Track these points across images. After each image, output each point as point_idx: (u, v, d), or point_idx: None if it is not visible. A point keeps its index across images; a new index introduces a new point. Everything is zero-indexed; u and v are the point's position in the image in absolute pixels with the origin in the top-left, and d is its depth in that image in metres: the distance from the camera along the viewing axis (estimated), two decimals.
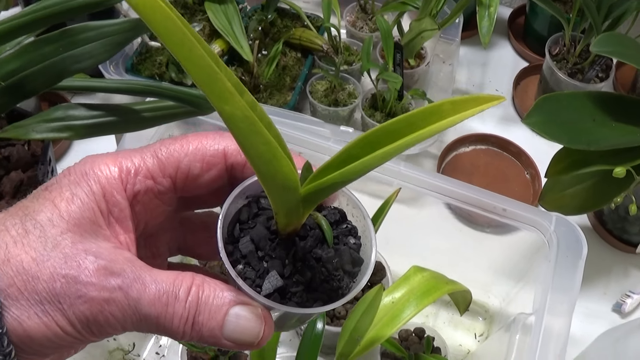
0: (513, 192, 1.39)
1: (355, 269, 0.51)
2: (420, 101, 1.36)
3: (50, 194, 0.46)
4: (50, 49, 0.78)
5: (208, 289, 0.46)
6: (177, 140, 0.51)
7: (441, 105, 0.40)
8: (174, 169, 0.50)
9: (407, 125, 0.40)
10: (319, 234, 0.50)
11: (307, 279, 0.48)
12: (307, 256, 0.49)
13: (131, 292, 0.44)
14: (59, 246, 0.44)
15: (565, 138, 1.01)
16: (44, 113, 0.81)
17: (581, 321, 1.20)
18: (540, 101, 1.04)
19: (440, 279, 0.88)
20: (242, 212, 0.50)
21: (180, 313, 0.45)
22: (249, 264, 0.48)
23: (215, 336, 0.46)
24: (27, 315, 0.43)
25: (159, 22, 0.36)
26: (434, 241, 1.17)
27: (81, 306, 0.43)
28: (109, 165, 0.48)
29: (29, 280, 0.43)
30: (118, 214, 0.48)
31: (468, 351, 1.17)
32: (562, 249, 0.94)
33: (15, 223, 0.44)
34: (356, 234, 0.52)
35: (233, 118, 0.39)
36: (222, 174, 0.52)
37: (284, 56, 1.48)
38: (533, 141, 1.48)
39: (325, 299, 0.49)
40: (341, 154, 0.43)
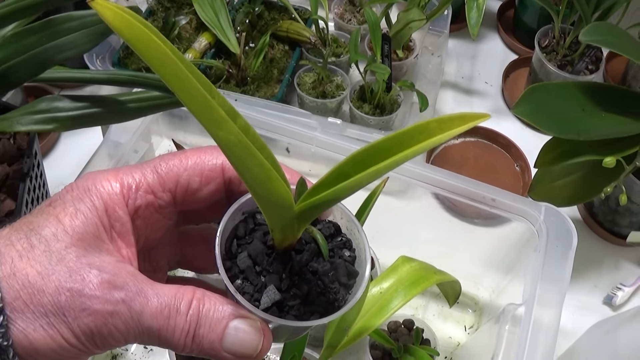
0: (503, 184, 1.37)
1: (350, 281, 0.52)
2: (408, 93, 1.35)
3: (54, 210, 0.47)
4: (33, 40, 0.77)
5: (209, 303, 0.48)
6: (176, 156, 0.53)
7: (428, 124, 0.41)
8: (173, 183, 0.52)
9: (395, 143, 0.42)
10: (314, 248, 0.51)
11: (304, 292, 0.50)
12: (304, 270, 0.50)
13: (134, 305, 0.46)
14: (63, 260, 0.45)
15: (555, 127, 1.01)
16: (28, 105, 0.81)
17: (572, 314, 1.20)
18: (529, 90, 1.03)
19: (429, 269, 0.87)
20: (238, 228, 0.52)
21: (182, 326, 0.46)
22: (247, 279, 0.49)
23: (215, 349, 0.47)
24: (33, 327, 0.44)
25: (154, 56, 0.37)
26: (423, 233, 1.16)
27: (85, 319, 0.44)
28: (111, 181, 0.49)
29: (35, 293, 0.44)
30: (120, 229, 0.49)
31: (458, 343, 1.16)
32: (552, 239, 0.94)
33: (20, 238, 0.46)
34: (351, 247, 0.54)
35: (227, 143, 0.41)
36: (220, 188, 0.53)
37: (272, 48, 1.47)
38: (523, 133, 1.48)
39: (322, 311, 0.50)
40: (333, 172, 0.45)
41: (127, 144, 1.00)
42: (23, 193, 0.94)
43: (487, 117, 0.41)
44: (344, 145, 1.01)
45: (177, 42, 1.44)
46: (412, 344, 1.02)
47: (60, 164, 1.36)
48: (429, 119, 0.41)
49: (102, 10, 0.37)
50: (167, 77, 0.38)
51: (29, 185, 0.97)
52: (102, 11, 0.37)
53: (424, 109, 1.24)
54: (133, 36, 0.37)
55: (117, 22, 0.37)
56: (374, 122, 1.33)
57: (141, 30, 0.37)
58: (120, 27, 0.37)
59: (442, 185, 0.99)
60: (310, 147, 1.02)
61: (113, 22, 0.37)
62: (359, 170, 0.42)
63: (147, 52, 0.38)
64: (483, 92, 1.61)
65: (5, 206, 0.94)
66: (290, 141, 1.03)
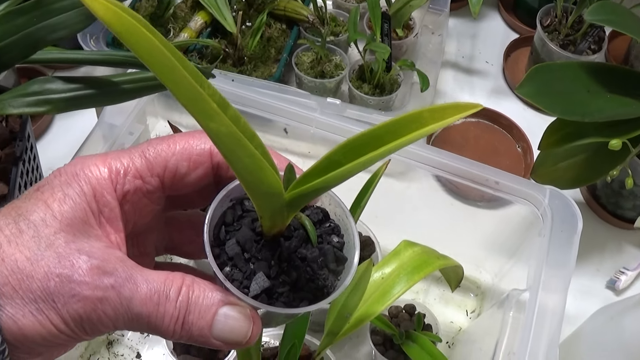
0: (504, 166, 1.36)
1: (339, 267, 0.52)
2: (409, 73, 1.34)
3: (42, 195, 0.47)
4: (24, 20, 0.76)
5: (198, 289, 0.47)
6: (164, 140, 0.52)
7: (421, 113, 0.41)
8: (161, 168, 0.51)
9: (388, 132, 0.42)
10: (303, 234, 0.51)
11: (292, 279, 0.50)
12: (292, 256, 0.50)
13: (123, 292, 0.45)
14: (52, 246, 0.45)
15: (559, 109, 0.99)
16: (20, 87, 0.79)
17: (575, 298, 1.18)
18: (533, 71, 1.02)
19: (432, 253, 0.86)
20: (227, 214, 0.51)
21: (171, 312, 0.46)
22: (236, 266, 0.49)
23: (204, 335, 0.47)
24: (22, 313, 0.44)
25: (144, 49, 0.37)
26: (425, 216, 1.15)
27: (75, 305, 0.44)
28: (99, 166, 0.49)
29: (24, 279, 0.44)
30: (108, 214, 0.49)
31: (460, 328, 1.14)
32: (557, 224, 0.93)
33: (9, 223, 0.45)
34: (339, 233, 0.54)
35: (218, 134, 0.41)
36: (209, 173, 0.53)
37: (269, 27, 1.45)
38: (524, 114, 1.47)
39: (311, 298, 0.50)
40: (324, 160, 0.44)
41: (122, 125, 0.98)
42: (16, 177, 0.93)
43: (480, 107, 0.41)
44: (343, 126, 1.00)
45: (172, 21, 1.42)
46: (413, 329, 1.00)
47: (53, 146, 1.34)
48: (422, 108, 0.41)
49: (92, 4, 0.37)
50: (157, 70, 0.38)
51: (21, 168, 0.95)
52: (92, 4, 0.37)
53: (425, 88, 1.22)
54: (123, 29, 0.37)
55: (107, 16, 0.37)
56: (374, 103, 1.31)
57: (130, 23, 0.37)
58: (111, 21, 0.37)
59: (445, 168, 0.97)
60: (310, 129, 1.00)
61: (103, 15, 0.37)
62: (350, 159, 0.42)
63: (137, 45, 0.37)
64: (484, 71, 1.59)
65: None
66: (289, 122, 1.02)
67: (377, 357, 1.04)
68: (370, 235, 1.11)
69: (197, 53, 1.38)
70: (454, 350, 1.12)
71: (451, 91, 1.53)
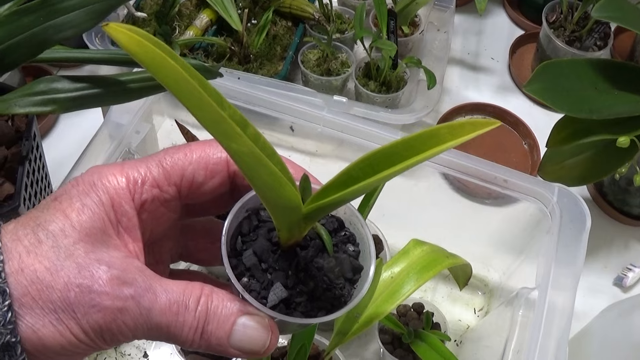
0: (511, 163, 1.36)
1: (355, 276, 0.52)
2: (415, 70, 1.33)
3: (60, 205, 0.47)
4: (30, 19, 0.75)
5: (217, 299, 0.48)
6: (181, 149, 0.52)
7: (438, 129, 0.41)
8: (178, 177, 0.52)
9: (406, 148, 0.42)
10: (319, 244, 0.52)
11: (310, 288, 0.50)
12: (309, 266, 0.51)
13: (143, 302, 0.45)
14: (72, 256, 0.45)
15: (567, 106, 0.99)
16: (26, 87, 0.78)
17: (582, 295, 1.18)
18: (541, 68, 1.01)
19: (441, 252, 0.86)
20: (243, 225, 0.52)
21: (190, 322, 0.46)
22: (254, 277, 0.49)
23: (222, 345, 0.48)
24: (42, 323, 0.44)
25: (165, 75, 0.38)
26: (432, 213, 1.14)
27: (95, 315, 0.44)
28: (117, 176, 0.49)
29: (43, 289, 0.44)
30: (127, 224, 0.49)
31: (467, 326, 1.14)
32: (565, 221, 0.92)
33: (27, 233, 0.45)
34: (354, 241, 0.54)
35: (240, 154, 0.41)
36: (225, 181, 0.53)
37: (274, 25, 1.45)
38: (531, 111, 1.46)
39: (328, 307, 0.50)
40: (342, 175, 0.45)
41: (128, 125, 0.98)
42: (22, 176, 0.92)
43: (498, 124, 0.41)
44: (351, 124, 0.99)
45: (177, 19, 1.42)
46: (422, 328, 0.99)
47: (59, 145, 1.34)
48: (439, 125, 0.41)
49: (116, 35, 0.37)
50: (181, 96, 0.39)
51: (28, 168, 0.95)
52: (116, 35, 0.37)
53: (432, 86, 1.21)
54: (147, 58, 0.38)
55: (131, 46, 0.38)
56: (380, 100, 1.31)
57: (154, 52, 0.38)
58: (135, 50, 0.38)
59: (452, 166, 0.96)
60: (317, 127, 1.00)
61: (127, 45, 0.38)
62: (368, 174, 0.43)
63: (161, 73, 0.38)
64: (490, 68, 1.58)
65: (4, 190, 0.92)
66: (296, 121, 1.01)
67: (386, 356, 1.04)
68: (378, 234, 1.11)
69: (202, 51, 1.37)
70: (462, 349, 1.12)
71: (457, 88, 1.53)
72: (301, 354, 0.82)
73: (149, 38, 0.38)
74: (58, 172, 1.14)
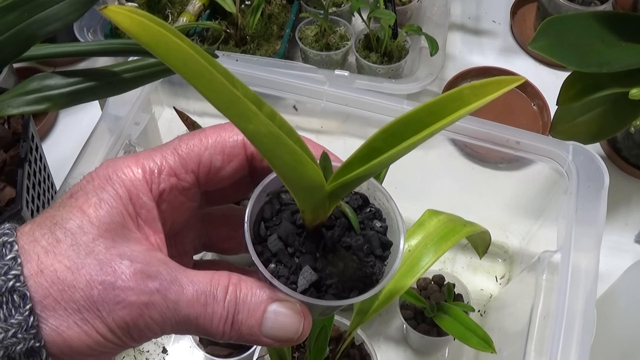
0: (521, 125, 1.33)
1: (385, 252, 0.51)
2: (416, 38, 1.31)
3: (76, 201, 0.46)
4: (14, 16, 0.73)
5: (245, 287, 0.47)
6: (196, 135, 0.51)
7: (461, 91, 0.40)
8: (195, 164, 0.51)
9: (428, 114, 0.41)
10: (345, 222, 0.50)
11: (340, 269, 0.48)
12: (337, 246, 0.49)
13: (169, 295, 0.44)
14: (92, 253, 0.44)
15: (575, 60, 0.96)
16: (18, 87, 0.76)
17: (605, 255, 1.14)
18: (545, 24, 0.99)
19: (457, 221, 0.83)
20: (264, 210, 0.50)
21: (220, 313, 0.45)
22: (281, 262, 0.48)
23: (254, 334, 0.47)
24: (67, 324, 0.43)
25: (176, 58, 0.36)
26: (445, 182, 1.12)
27: (120, 312, 0.43)
28: (132, 167, 0.48)
29: (65, 289, 0.43)
30: (146, 216, 0.48)
31: (490, 295, 1.12)
32: (583, 180, 0.90)
33: (45, 233, 0.44)
34: (381, 217, 0.52)
35: (257, 134, 0.40)
36: (243, 164, 0.52)
37: (268, 4, 1.43)
38: (537, 71, 1.44)
39: (360, 286, 0.48)
40: (364, 147, 0.43)
41: (127, 116, 0.96)
42: (22, 179, 0.90)
43: (523, 79, 0.40)
44: (355, 97, 0.97)
45: (169, 6, 1.40)
46: (444, 301, 0.97)
47: (60, 144, 1.32)
48: (461, 87, 0.39)
49: (116, 17, 0.36)
50: (191, 77, 0.37)
51: (28, 170, 0.93)
52: (116, 18, 0.36)
53: (435, 52, 1.19)
54: (152, 40, 0.36)
55: (133, 27, 0.36)
56: (383, 71, 1.28)
57: (159, 32, 0.36)
58: (138, 32, 0.36)
59: (462, 131, 0.94)
60: (321, 103, 0.98)
61: (129, 28, 0.36)
62: (391, 145, 0.41)
63: (169, 55, 0.36)
64: (492, 31, 1.56)
65: (5, 194, 0.90)
66: (298, 98, 0.99)
67: (409, 332, 1.02)
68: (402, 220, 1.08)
69: (197, 36, 1.35)
70: (486, 318, 1.10)
71: (460, 53, 1.50)
72: (322, 337, 0.80)
73: (151, 18, 0.36)
74: (61, 172, 1.11)
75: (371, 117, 0.96)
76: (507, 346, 0.94)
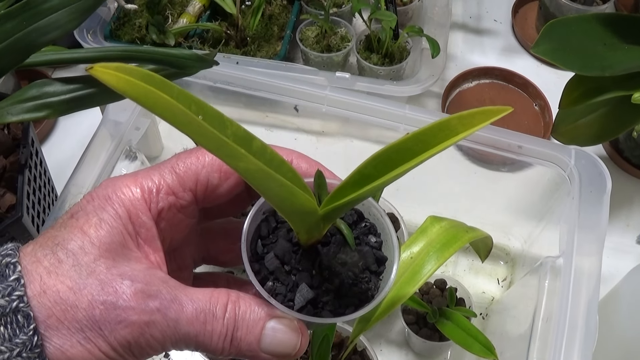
0: (523, 125, 1.33)
1: (380, 267, 0.52)
2: (417, 39, 1.30)
3: (77, 222, 0.47)
4: (12, 25, 0.72)
5: (244, 305, 0.48)
6: (193, 153, 0.52)
7: (449, 121, 0.41)
8: (193, 182, 0.52)
9: (417, 142, 0.42)
10: (340, 239, 0.51)
11: (336, 286, 0.50)
12: (333, 262, 0.50)
13: (169, 314, 0.45)
14: (93, 273, 0.45)
15: (578, 65, 0.96)
16: (17, 93, 0.76)
17: (606, 256, 1.13)
18: (548, 27, 0.98)
19: (460, 227, 0.83)
20: (261, 228, 0.52)
21: (219, 330, 0.46)
22: (278, 280, 0.49)
23: (253, 350, 0.48)
24: (70, 344, 0.43)
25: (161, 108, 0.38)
26: (447, 185, 1.12)
27: (122, 331, 0.44)
28: (131, 187, 0.49)
29: (68, 309, 0.44)
30: (145, 234, 0.49)
31: (492, 298, 1.12)
32: (585, 184, 0.90)
33: (47, 254, 0.45)
34: (376, 232, 0.53)
35: (248, 172, 0.42)
36: (240, 181, 0.53)
37: (269, 5, 1.42)
38: (539, 71, 1.44)
39: (356, 302, 0.50)
40: (355, 173, 0.45)
41: (127, 122, 0.95)
42: (23, 185, 0.90)
43: (510, 110, 0.41)
44: (356, 102, 0.96)
45: (169, 7, 1.39)
46: (446, 306, 0.97)
47: (60, 148, 1.31)
48: (450, 116, 0.41)
49: (104, 77, 0.37)
50: (181, 126, 0.39)
51: (28, 176, 0.92)
52: (104, 77, 0.37)
53: (436, 55, 1.18)
54: (139, 95, 0.37)
55: (121, 86, 0.37)
56: (384, 73, 1.28)
57: (145, 89, 0.37)
58: (126, 89, 0.37)
59: None
60: (322, 107, 0.97)
61: (117, 86, 0.37)
62: (382, 172, 0.43)
63: (156, 107, 0.38)
64: (493, 30, 1.56)
65: (5, 201, 0.90)
66: (300, 102, 0.98)
67: (411, 336, 1.02)
68: (394, 212, 1.08)
69: (198, 38, 1.35)
70: (488, 321, 1.09)
71: (461, 54, 1.50)
72: (324, 344, 0.80)
73: (136, 74, 0.37)
74: (61, 176, 1.11)
75: (372, 121, 0.96)
76: (509, 349, 0.94)
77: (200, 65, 0.77)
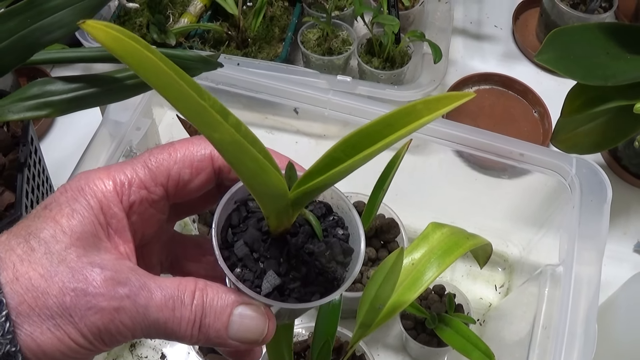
0: (522, 132, 1.33)
1: (346, 259, 0.53)
2: (418, 43, 1.30)
3: (50, 212, 0.48)
4: (16, 23, 0.72)
5: (211, 292, 0.49)
6: (165, 149, 0.54)
7: (415, 106, 0.42)
8: (164, 177, 0.53)
9: (385, 126, 0.43)
10: (308, 230, 0.53)
11: (302, 274, 0.51)
12: (300, 252, 0.52)
13: (139, 300, 0.46)
14: (64, 261, 0.45)
15: (581, 73, 0.96)
16: (19, 91, 0.76)
17: (603, 264, 1.14)
18: (551, 36, 0.98)
19: (461, 234, 0.83)
20: (232, 217, 0.53)
21: (187, 316, 0.47)
22: (246, 266, 0.50)
23: (221, 337, 0.48)
24: (40, 330, 0.44)
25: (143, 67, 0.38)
26: (447, 190, 1.12)
27: (92, 317, 0.45)
28: (104, 180, 0.50)
29: (39, 296, 0.44)
30: (116, 226, 0.50)
31: (489, 304, 1.12)
32: (586, 194, 0.90)
33: (20, 242, 0.46)
34: (343, 225, 0.55)
35: (222, 143, 0.42)
36: (211, 177, 0.55)
37: (271, 6, 1.42)
38: (538, 77, 1.43)
39: (322, 291, 0.51)
40: (324, 158, 0.46)
41: (128, 122, 0.95)
42: (22, 183, 0.90)
43: (473, 95, 0.42)
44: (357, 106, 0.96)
45: (170, 7, 1.39)
46: (445, 312, 0.97)
47: (58, 146, 1.30)
48: (415, 101, 0.42)
49: (93, 31, 0.38)
50: (162, 89, 0.39)
51: (27, 174, 0.92)
52: (93, 32, 0.38)
53: (438, 60, 1.18)
54: (125, 52, 0.38)
55: (108, 41, 0.38)
56: (385, 77, 1.28)
57: (131, 46, 0.38)
58: (113, 46, 0.38)
59: (465, 142, 0.94)
60: (324, 111, 0.97)
61: (105, 41, 0.38)
62: (350, 155, 0.44)
63: (139, 66, 0.38)
64: (493, 36, 1.55)
65: (4, 199, 0.89)
66: (301, 105, 0.98)
67: (409, 341, 1.02)
68: (394, 217, 1.08)
69: (198, 38, 1.34)
70: (486, 328, 1.09)
71: (462, 59, 1.50)
72: (325, 350, 0.80)
73: (125, 33, 0.38)
74: (59, 174, 1.11)
75: None
76: (506, 356, 0.94)
77: (204, 67, 0.77)
